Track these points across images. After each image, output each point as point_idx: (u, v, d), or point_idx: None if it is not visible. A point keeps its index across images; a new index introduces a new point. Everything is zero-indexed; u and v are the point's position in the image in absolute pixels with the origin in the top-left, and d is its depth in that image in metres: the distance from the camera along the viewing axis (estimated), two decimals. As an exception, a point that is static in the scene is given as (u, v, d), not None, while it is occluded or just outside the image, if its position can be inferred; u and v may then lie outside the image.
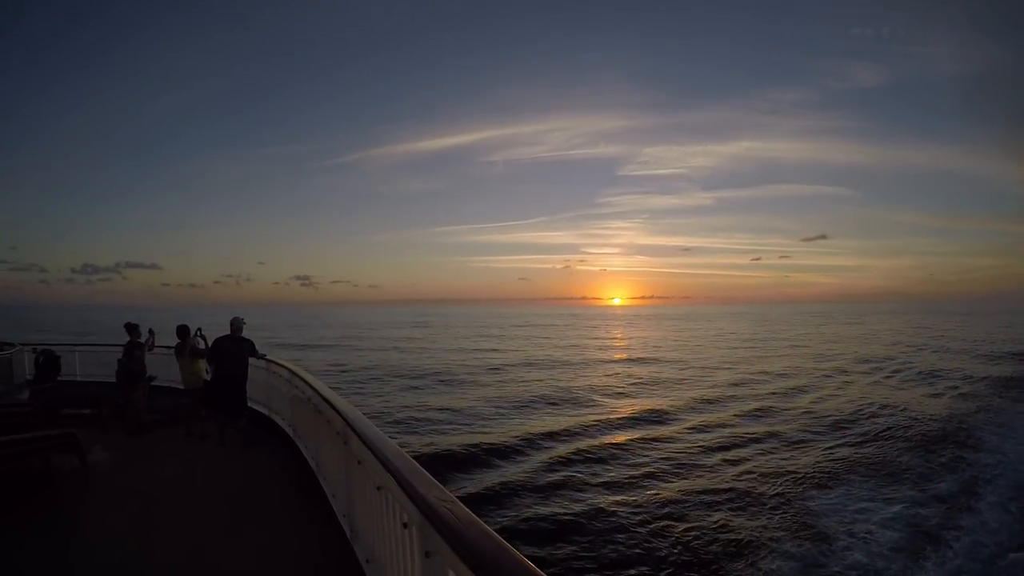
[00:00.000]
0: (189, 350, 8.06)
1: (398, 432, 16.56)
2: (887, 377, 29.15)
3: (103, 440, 7.60)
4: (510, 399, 23.07)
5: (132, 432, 7.97)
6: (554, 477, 12.58)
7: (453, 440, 15.55)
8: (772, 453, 15.07)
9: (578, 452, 14.73)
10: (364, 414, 3.69)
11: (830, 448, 15.51)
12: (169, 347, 10.31)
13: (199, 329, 8.22)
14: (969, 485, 12.46)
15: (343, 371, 32.17)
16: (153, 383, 9.96)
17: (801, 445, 15.88)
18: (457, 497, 1.94)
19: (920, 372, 30.29)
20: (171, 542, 4.47)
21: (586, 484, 12.30)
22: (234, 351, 7.36)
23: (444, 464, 13.20)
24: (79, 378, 11.90)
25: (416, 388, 26.00)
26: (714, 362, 38.25)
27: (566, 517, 10.32)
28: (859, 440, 16.35)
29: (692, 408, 21.50)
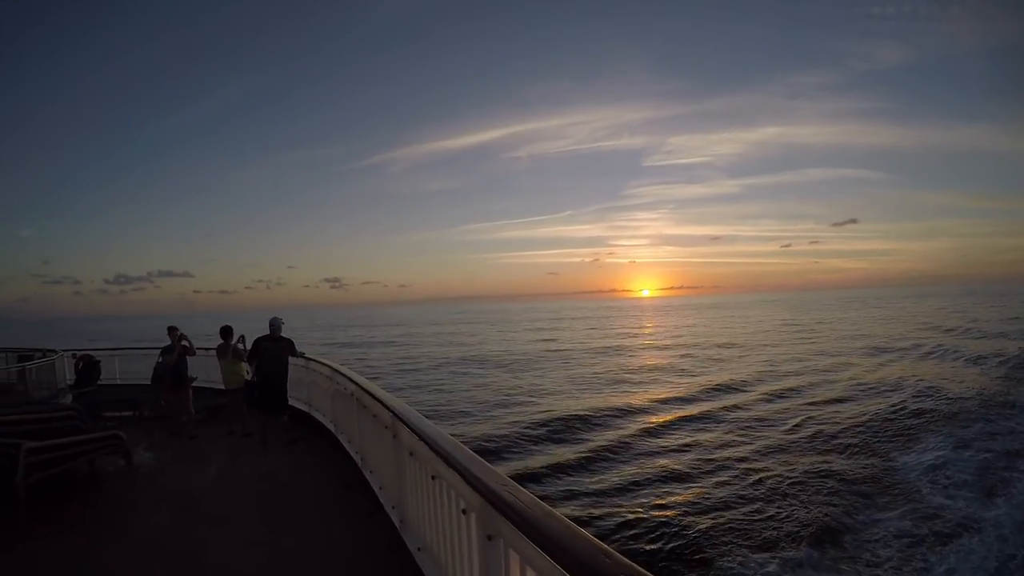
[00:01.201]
0: (231, 351, 8.28)
1: (502, 412, 19.62)
2: (928, 353, 31.55)
3: (146, 441, 7.85)
4: (599, 380, 26.53)
5: (176, 432, 8.21)
6: (664, 441, 15.46)
7: (544, 415, 18.33)
8: (847, 416, 17.23)
9: (678, 420, 17.88)
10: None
11: (896, 411, 17.66)
12: (209, 349, 10.60)
13: (242, 336, 8.40)
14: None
15: (416, 368, 34.23)
16: (193, 384, 10.32)
17: (870, 411, 17.88)
18: (518, 478, 2.00)
19: (964, 350, 31.41)
20: (217, 539, 4.61)
21: (687, 445, 14.94)
22: (274, 350, 7.56)
23: (550, 432, 16.29)
24: (119, 381, 12.18)
25: (495, 379, 28.33)
26: (772, 346, 40.37)
27: (676, 468, 12.82)
28: (921, 406, 18.18)
29: (764, 382, 24.15)
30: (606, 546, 1.46)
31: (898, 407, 18.04)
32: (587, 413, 18.43)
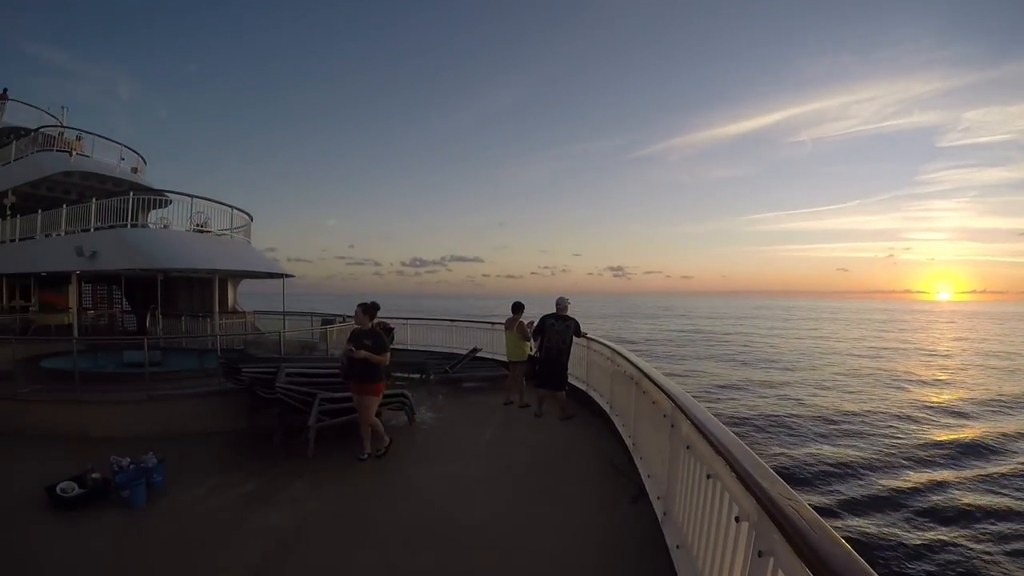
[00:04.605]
0: (517, 327, 9.12)
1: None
2: None
3: (430, 402, 9.29)
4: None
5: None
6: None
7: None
8: None
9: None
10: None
11: None
12: (495, 323, 12.05)
13: (531, 322, 8.79)
14: None
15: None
16: (478, 354, 11.91)
17: None
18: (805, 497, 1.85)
19: None
20: (478, 500, 5.07)
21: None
22: (559, 328, 8.16)
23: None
24: (409, 347, 14.22)
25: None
26: None
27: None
28: None
29: None
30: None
31: None
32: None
